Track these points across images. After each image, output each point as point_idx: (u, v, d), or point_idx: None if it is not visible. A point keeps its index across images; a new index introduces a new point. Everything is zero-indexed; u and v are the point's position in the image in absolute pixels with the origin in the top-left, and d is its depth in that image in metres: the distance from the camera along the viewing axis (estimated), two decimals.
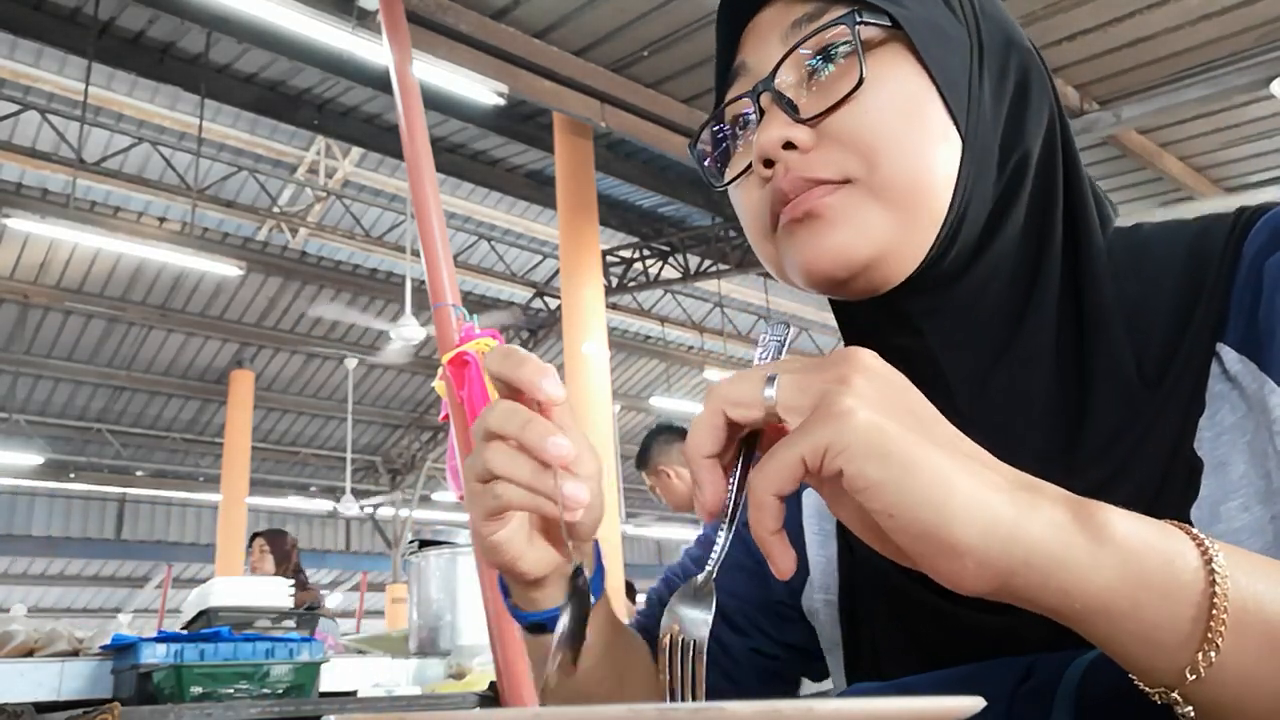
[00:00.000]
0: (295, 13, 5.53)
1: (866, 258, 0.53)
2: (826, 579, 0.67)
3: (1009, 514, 0.38)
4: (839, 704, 0.34)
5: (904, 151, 0.53)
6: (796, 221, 0.55)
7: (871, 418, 0.39)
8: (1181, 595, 0.38)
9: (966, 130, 0.54)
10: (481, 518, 0.55)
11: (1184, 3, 6.18)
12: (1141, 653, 0.39)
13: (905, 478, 0.37)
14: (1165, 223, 0.60)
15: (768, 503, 0.41)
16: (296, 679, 2.49)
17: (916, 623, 0.58)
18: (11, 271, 10.94)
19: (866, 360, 0.42)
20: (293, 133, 10.04)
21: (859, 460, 0.38)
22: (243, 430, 12.93)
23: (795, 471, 0.40)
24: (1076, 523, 0.38)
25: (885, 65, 0.54)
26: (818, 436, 0.39)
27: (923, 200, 0.53)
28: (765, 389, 0.42)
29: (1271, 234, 0.53)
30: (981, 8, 0.58)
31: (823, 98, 0.54)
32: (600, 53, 6.61)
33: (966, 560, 0.38)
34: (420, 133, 3.08)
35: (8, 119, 8.97)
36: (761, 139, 0.54)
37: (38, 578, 15.99)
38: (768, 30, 0.58)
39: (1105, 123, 7.30)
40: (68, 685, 2.49)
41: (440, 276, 2.91)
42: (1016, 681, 0.51)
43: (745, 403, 0.42)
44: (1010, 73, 0.57)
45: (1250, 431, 0.50)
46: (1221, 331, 0.53)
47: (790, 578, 0.64)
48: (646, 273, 11.43)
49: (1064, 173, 0.58)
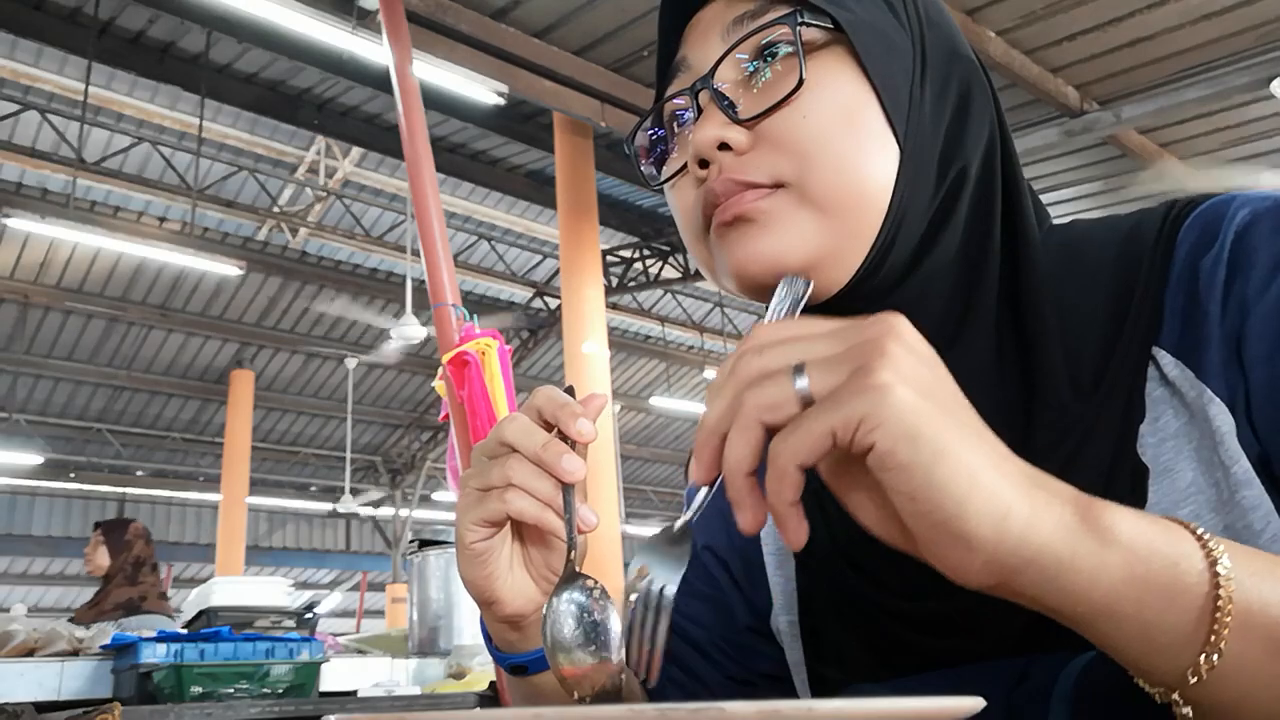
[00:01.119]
0: (295, 13, 5.54)
1: (798, 264, 0.52)
2: (787, 599, 0.66)
3: (1024, 512, 0.37)
4: (839, 704, 0.34)
5: (840, 158, 0.52)
6: (727, 225, 0.54)
7: (908, 395, 0.37)
8: (1186, 598, 0.37)
9: (905, 139, 0.53)
10: (476, 522, 0.55)
11: (1184, 3, 6.19)
12: (1143, 653, 0.39)
13: (934, 463, 0.36)
14: (1102, 219, 0.59)
15: (790, 473, 0.39)
16: (296, 679, 2.49)
17: (880, 643, 0.58)
18: (11, 271, 10.94)
19: (902, 328, 0.40)
20: (293, 133, 10.04)
21: (892, 438, 0.37)
22: (243, 430, 12.93)
23: (824, 443, 0.38)
24: (1084, 524, 0.38)
25: (825, 69, 0.53)
26: (852, 408, 0.37)
27: (857, 208, 0.52)
28: (796, 381, 0.40)
29: (1203, 230, 0.52)
30: (927, 16, 0.57)
31: (761, 98, 0.53)
32: (600, 53, 6.62)
33: (976, 555, 0.37)
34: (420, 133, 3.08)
35: (8, 119, 8.98)
36: (697, 138, 0.53)
37: (38, 578, 15.99)
38: (709, 27, 0.57)
39: (1105, 123, 7.30)
40: (68, 685, 2.49)
41: (440, 276, 2.91)
42: (1013, 682, 0.51)
43: (780, 404, 0.39)
44: (953, 84, 0.56)
45: (1195, 440, 0.50)
46: (1156, 334, 0.52)
47: (758, 597, 0.62)
48: (646, 273, 11.43)
49: (1003, 185, 0.57)
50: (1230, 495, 0.48)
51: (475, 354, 2.62)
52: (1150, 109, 7.15)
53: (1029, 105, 7.26)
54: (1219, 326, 0.49)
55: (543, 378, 14.96)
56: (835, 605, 0.61)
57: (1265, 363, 0.47)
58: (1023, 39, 6.59)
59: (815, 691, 0.64)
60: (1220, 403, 0.49)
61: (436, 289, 2.90)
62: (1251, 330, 0.48)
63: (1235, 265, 0.49)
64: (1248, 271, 0.49)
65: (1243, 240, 0.50)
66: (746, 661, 0.69)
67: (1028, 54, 6.74)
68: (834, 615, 0.61)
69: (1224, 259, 0.50)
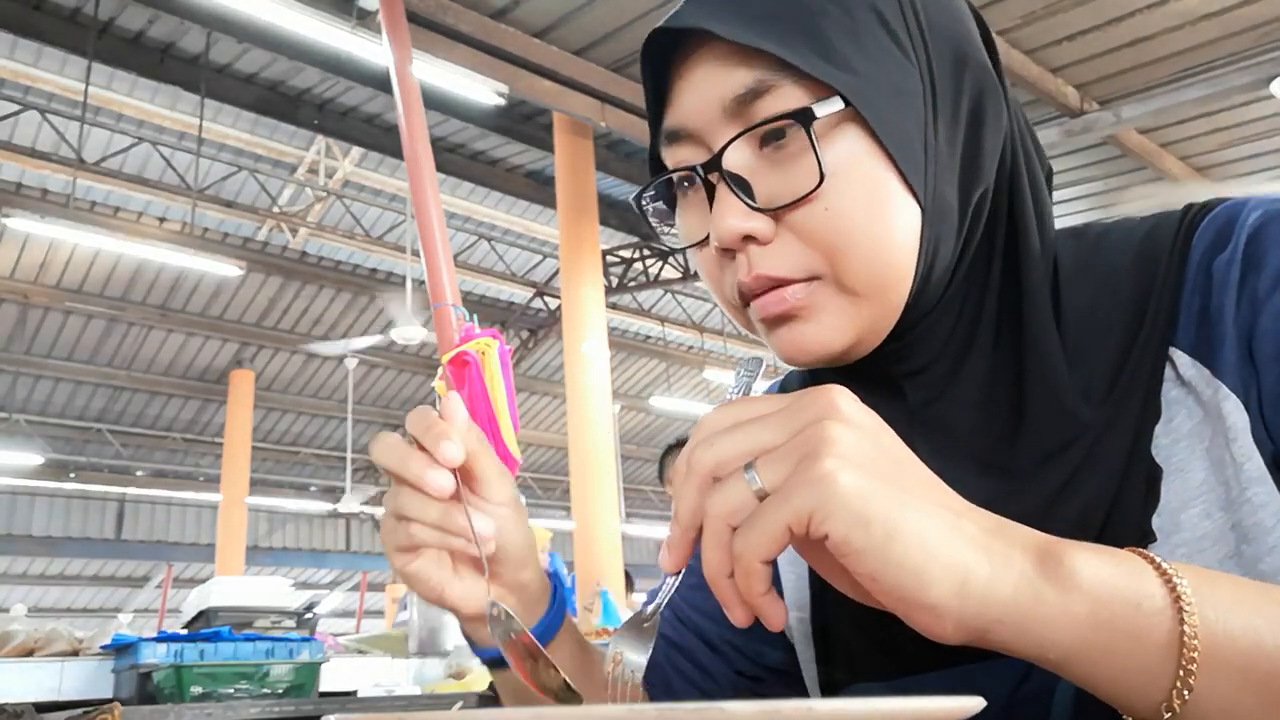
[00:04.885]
0: (295, 13, 5.54)
1: (842, 348, 0.54)
2: (799, 596, 0.67)
3: (984, 574, 0.38)
4: (839, 704, 0.34)
5: (868, 246, 0.51)
6: (771, 320, 0.54)
7: (852, 481, 0.38)
8: (1150, 638, 0.38)
9: (926, 198, 0.52)
10: (395, 550, 0.58)
11: (1184, 3, 6.19)
12: (1117, 692, 0.39)
13: (888, 544, 0.38)
14: (1116, 222, 0.59)
15: (756, 569, 0.40)
16: (296, 679, 2.49)
17: (888, 639, 0.58)
18: (11, 271, 10.94)
19: (841, 403, 0.41)
20: (293, 133, 10.04)
21: (844, 526, 0.38)
22: (243, 430, 12.93)
23: (782, 538, 0.39)
24: (1044, 573, 0.38)
25: (841, 153, 0.51)
26: (801, 501, 0.39)
27: (890, 285, 0.52)
28: (748, 476, 0.41)
29: (1218, 232, 0.52)
30: (929, 24, 0.55)
31: (778, 186, 0.52)
32: (600, 53, 6.62)
33: (945, 620, 0.38)
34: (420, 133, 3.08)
35: (8, 119, 8.97)
36: (720, 230, 0.52)
37: (38, 578, 15.98)
38: (705, 92, 0.53)
39: (1105, 123, 7.30)
40: (68, 685, 2.49)
41: (440, 276, 2.92)
42: (1016, 682, 0.51)
43: (739, 508, 0.41)
44: (964, 101, 0.55)
45: (1208, 438, 0.50)
46: (1173, 335, 0.52)
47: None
48: (646, 273, 11.43)
49: (1010, 187, 0.57)
50: (1240, 492, 0.48)
51: (475, 354, 2.63)
52: (1150, 109, 7.16)
53: (1029, 105, 7.26)
54: (1233, 324, 0.50)
55: (543, 378, 14.97)
56: (845, 601, 0.61)
57: (1276, 361, 0.48)
58: (1023, 39, 6.59)
59: (824, 689, 0.64)
60: (1235, 399, 0.49)
61: (436, 289, 2.91)
62: (1262, 329, 0.49)
63: (1249, 264, 0.50)
64: (1260, 270, 0.50)
65: (1256, 240, 0.51)
66: (755, 657, 0.70)
67: (1028, 54, 6.74)
68: (843, 612, 0.62)
69: (1238, 259, 0.50)
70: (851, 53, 0.51)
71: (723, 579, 0.42)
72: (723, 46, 0.52)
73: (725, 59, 0.52)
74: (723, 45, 0.52)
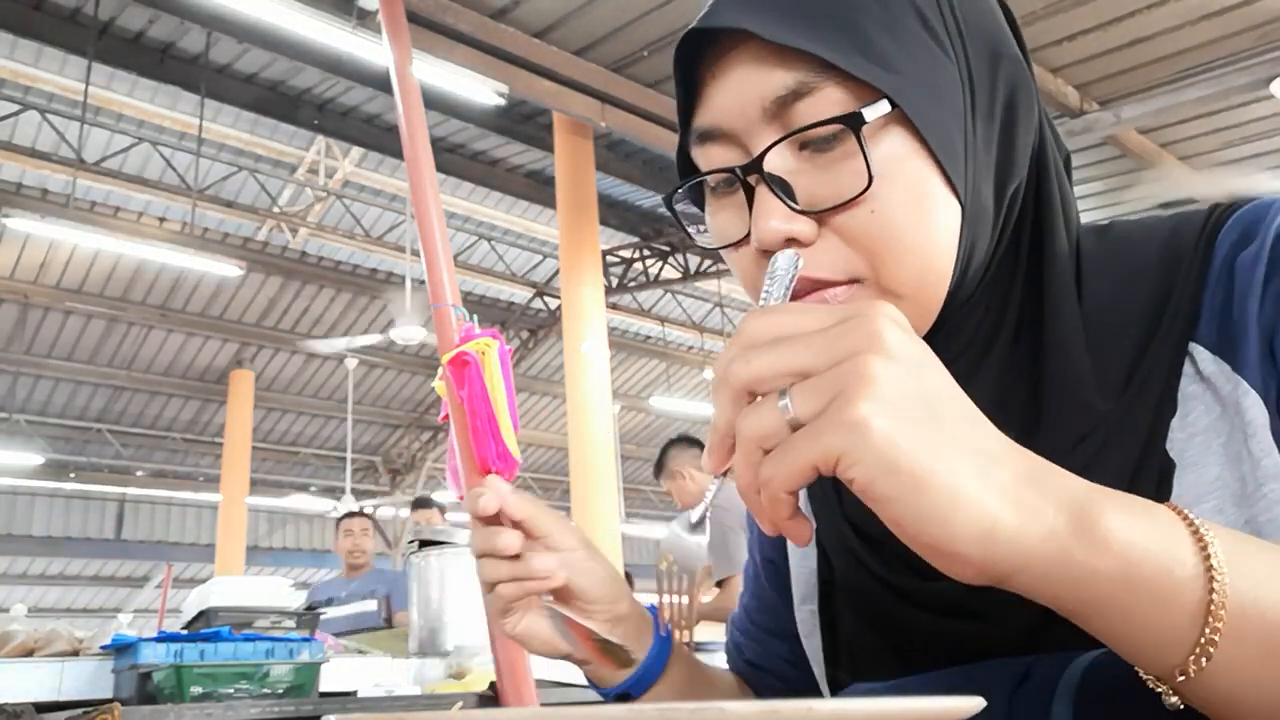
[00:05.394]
0: (295, 13, 5.54)
1: None
2: (808, 590, 0.67)
3: (1010, 524, 0.37)
4: (839, 704, 0.34)
5: (912, 248, 0.51)
6: None
7: (884, 428, 0.37)
8: (1178, 602, 0.37)
9: (965, 195, 0.52)
10: (496, 618, 0.67)
11: (1184, 3, 6.19)
12: (1133, 649, 0.39)
13: (914, 493, 0.37)
14: (1139, 220, 0.59)
15: (781, 498, 0.41)
16: (296, 679, 2.49)
17: (893, 632, 0.58)
18: (11, 271, 10.94)
19: (886, 336, 0.39)
20: (293, 133, 10.04)
21: (871, 474, 0.38)
22: (243, 430, 12.93)
23: (809, 475, 0.40)
24: (1075, 532, 0.38)
25: (886, 156, 0.50)
26: (830, 443, 0.38)
27: (929, 285, 0.53)
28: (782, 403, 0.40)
29: (1243, 231, 0.52)
30: (965, 21, 0.54)
31: (821, 187, 0.51)
32: (600, 53, 6.61)
33: (967, 565, 0.38)
34: (420, 133, 3.08)
35: (8, 119, 8.98)
36: (762, 231, 0.52)
37: (38, 578, 15.97)
38: (743, 90, 0.52)
39: (1105, 123, 7.30)
40: (68, 685, 2.49)
41: (440, 276, 2.91)
42: (1015, 682, 0.51)
43: (771, 434, 0.40)
44: (999, 94, 0.55)
45: (1225, 434, 0.50)
46: (1194, 331, 0.52)
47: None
48: (646, 273, 11.44)
49: (1037, 181, 0.57)
50: (1256, 488, 0.48)
51: (475, 354, 2.62)
52: (1150, 109, 7.16)
53: None
54: (1256, 322, 0.50)
55: (543, 378, 14.97)
56: (851, 592, 0.62)
57: None
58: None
59: (830, 685, 0.65)
60: (1255, 395, 0.49)
61: (436, 289, 2.90)
62: None
63: (1275, 263, 0.50)
64: None
65: None
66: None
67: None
68: (850, 604, 0.62)
69: (1264, 257, 0.50)
70: (892, 51, 0.51)
71: (752, 493, 0.42)
72: (760, 46, 0.51)
73: (764, 59, 0.51)
74: (760, 44, 0.51)
